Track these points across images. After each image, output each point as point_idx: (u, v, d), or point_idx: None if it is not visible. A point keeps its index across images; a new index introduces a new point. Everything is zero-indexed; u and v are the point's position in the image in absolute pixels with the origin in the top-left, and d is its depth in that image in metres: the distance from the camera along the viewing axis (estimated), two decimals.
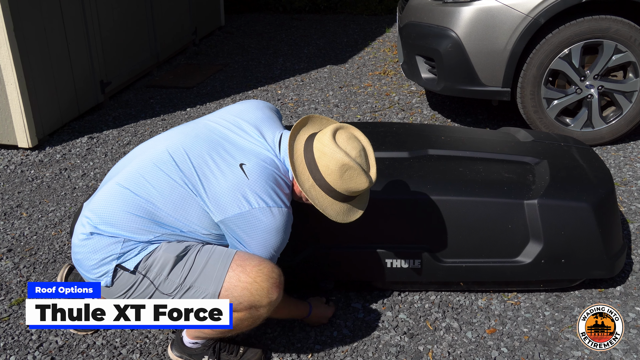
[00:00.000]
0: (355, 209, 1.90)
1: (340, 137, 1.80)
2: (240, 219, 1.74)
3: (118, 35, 4.78)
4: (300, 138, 1.86)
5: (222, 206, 1.75)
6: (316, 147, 1.80)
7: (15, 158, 3.75)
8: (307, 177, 1.81)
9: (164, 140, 1.90)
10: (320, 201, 1.82)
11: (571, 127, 3.56)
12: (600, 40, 3.34)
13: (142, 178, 1.79)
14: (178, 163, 1.79)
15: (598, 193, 2.29)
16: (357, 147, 1.81)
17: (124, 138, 4.05)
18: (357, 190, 1.82)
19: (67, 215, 3.09)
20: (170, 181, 1.77)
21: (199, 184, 1.76)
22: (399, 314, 2.30)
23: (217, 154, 1.81)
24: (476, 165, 2.43)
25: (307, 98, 4.74)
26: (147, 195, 1.77)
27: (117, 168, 1.92)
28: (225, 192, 1.74)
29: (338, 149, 1.76)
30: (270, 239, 1.77)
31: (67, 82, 4.14)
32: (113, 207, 1.77)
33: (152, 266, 1.75)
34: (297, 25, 7.24)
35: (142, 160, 1.85)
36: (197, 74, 5.41)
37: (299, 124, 1.89)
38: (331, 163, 1.77)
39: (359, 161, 1.79)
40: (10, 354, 2.15)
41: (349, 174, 1.78)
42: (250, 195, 1.74)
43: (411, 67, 3.92)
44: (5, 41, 3.52)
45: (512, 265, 2.26)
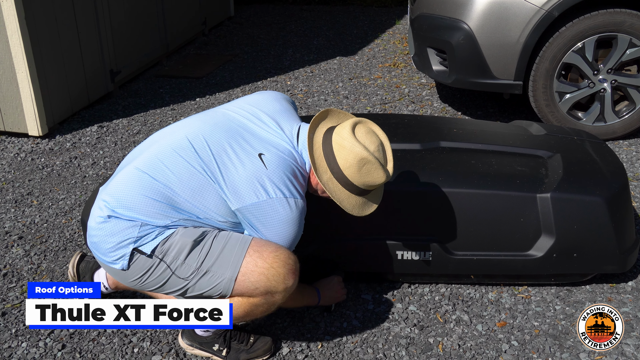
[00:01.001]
0: (370, 203, 1.92)
1: (359, 131, 1.82)
2: (257, 208, 1.75)
3: (128, 25, 4.77)
4: (319, 131, 1.88)
5: (239, 194, 1.75)
6: (335, 141, 1.82)
7: (25, 146, 3.76)
8: (325, 170, 1.83)
9: (182, 127, 1.90)
10: (337, 194, 1.84)
11: (583, 121, 3.54)
12: (614, 34, 3.31)
13: (161, 163, 1.80)
14: (197, 150, 1.80)
15: (611, 187, 2.27)
16: (376, 142, 1.83)
17: (134, 127, 4.05)
18: (374, 184, 1.84)
19: (78, 204, 3.10)
20: (189, 167, 1.78)
21: (218, 172, 1.77)
22: (409, 306, 2.29)
23: (237, 143, 1.82)
24: (488, 158, 2.42)
25: (316, 89, 4.72)
26: (165, 180, 1.77)
27: (134, 154, 1.93)
28: (244, 180, 1.75)
29: (357, 143, 1.78)
30: (285, 230, 1.78)
31: (77, 70, 4.14)
32: (131, 191, 1.77)
33: (169, 250, 1.75)
34: (307, 16, 7.21)
35: (160, 146, 1.86)
36: (206, 64, 5.40)
37: (318, 117, 1.90)
38: (350, 156, 1.79)
39: (377, 155, 1.81)
40: (21, 340, 2.16)
41: (367, 168, 1.80)
42: (268, 185, 1.75)
43: (422, 59, 3.90)
44: (16, 29, 3.52)
45: (524, 258, 2.25)
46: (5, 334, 2.19)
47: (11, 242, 2.76)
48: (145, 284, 1.80)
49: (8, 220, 2.95)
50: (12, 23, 3.52)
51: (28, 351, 2.11)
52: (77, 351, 2.10)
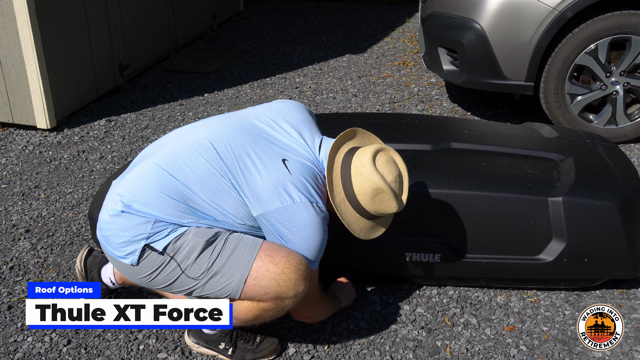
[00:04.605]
0: (378, 227, 1.94)
1: (379, 160, 1.83)
2: (281, 213, 1.74)
3: (138, 19, 4.76)
4: (342, 151, 1.89)
5: (262, 200, 1.75)
6: (354, 165, 1.83)
7: (33, 139, 3.76)
8: (339, 191, 1.84)
9: (203, 128, 1.89)
10: (347, 216, 1.86)
11: (594, 124, 3.50)
12: (628, 36, 3.27)
13: (182, 161, 1.78)
14: (219, 152, 1.79)
15: (624, 192, 2.25)
16: (394, 172, 1.84)
17: (142, 122, 4.04)
18: (386, 213, 1.87)
19: (85, 198, 3.09)
20: (210, 168, 1.77)
21: (240, 176, 1.76)
22: (417, 308, 2.28)
23: (260, 148, 1.81)
24: (500, 160, 2.39)
25: (325, 87, 4.70)
26: (184, 179, 1.76)
27: (150, 149, 1.91)
28: (267, 185, 1.74)
29: (376, 172, 1.79)
30: (311, 236, 1.77)
31: (86, 64, 4.14)
32: (149, 186, 1.76)
33: (181, 249, 1.74)
34: (316, 12, 7.18)
35: (180, 144, 1.84)
36: (215, 59, 5.38)
37: (343, 136, 1.92)
38: (366, 184, 1.80)
39: (394, 186, 1.82)
40: (27, 334, 2.15)
41: (381, 197, 1.82)
42: (292, 190, 1.74)
43: (433, 59, 3.87)
44: (26, 22, 3.52)
45: (534, 263, 2.22)
46: (11, 328, 2.18)
47: (18, 235, 2.76)
48: (154, 282, 1.79)
49: (15, 213, 2.95)
50: (22, 15, 3.51)
51: (34, 346, 2.10)
52: (82, 347, 2.09)
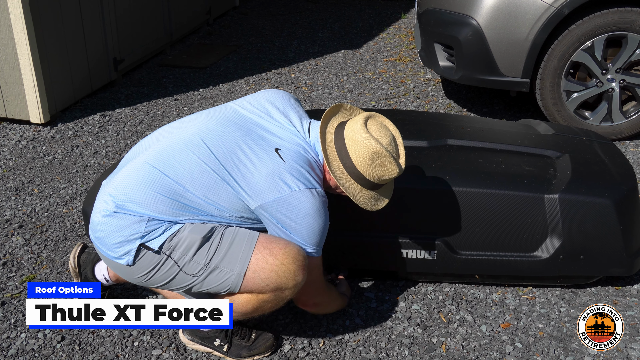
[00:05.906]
0: (381, 197, 1.91)
1: (371, 125, 1.81)
2: (281, 202, 1.73)
3: (133, 13, 4.73)
4: (331, 126, 1.88)
5: (259, 192, 1.73)
6: (347, 135, 1.81)
7: (27, 133, 3.73)
8: (338, 164, 1.83)
9: (192, 123, 1.87)
10: (350, 188, 1.84)
11: (590, 121, 3.50)
12: (624, 33, 3.27)
13: (173, 159, 1.77)
14: (211, 148, 1.77)
15: (620, 189, 2.25)
16: (388, 135, 1.82)
17: (136, 117, 4.01)
18: (387, 177, 1.84)
19: (79, 193, 3.07)
20: (201, 164, 1.75)
21: (235, 170, 1.75)
22: (412, 305, 2.27)
23: (251, 139, 1.80)
24: (496, 157, 2.39)
25: (321, 82, 4.68)
26: (176, 177, 1.74)
27: (139, 147, 1.89)
28: (263, 177, 1.73)
29: (370, 137, 1.78)
30: (313, 221, 1.76)
31: (80, 58, 4.10)
32: (141, 185, 1.74)
33: (177, 246, 1.73)
34: (312, 8, 7.15)
35: (170, 141, 1.82)
36: (210, 54, 5.35)
37: (329, 112, 1.90)
38: (363, 150, 1.78)
39: (390, 149, 1.81)
40: (21, 330, 2.14)
41: (380, 162, 1.79)
42: (288, 179, 1.73)
43: (429, 55, 3.86)
44: (20, 15, 3.48)
45: (530, 260, 2.22)
46: (5, 324, 2.17)
47: (11, 231, 2.74)
48: (151, 280, 1.78)
49: (8, 209, 2.92)
50: (15, 8, 3.47)
51: (27, 342, 2.09)
52: (76, 343, 2.08)
